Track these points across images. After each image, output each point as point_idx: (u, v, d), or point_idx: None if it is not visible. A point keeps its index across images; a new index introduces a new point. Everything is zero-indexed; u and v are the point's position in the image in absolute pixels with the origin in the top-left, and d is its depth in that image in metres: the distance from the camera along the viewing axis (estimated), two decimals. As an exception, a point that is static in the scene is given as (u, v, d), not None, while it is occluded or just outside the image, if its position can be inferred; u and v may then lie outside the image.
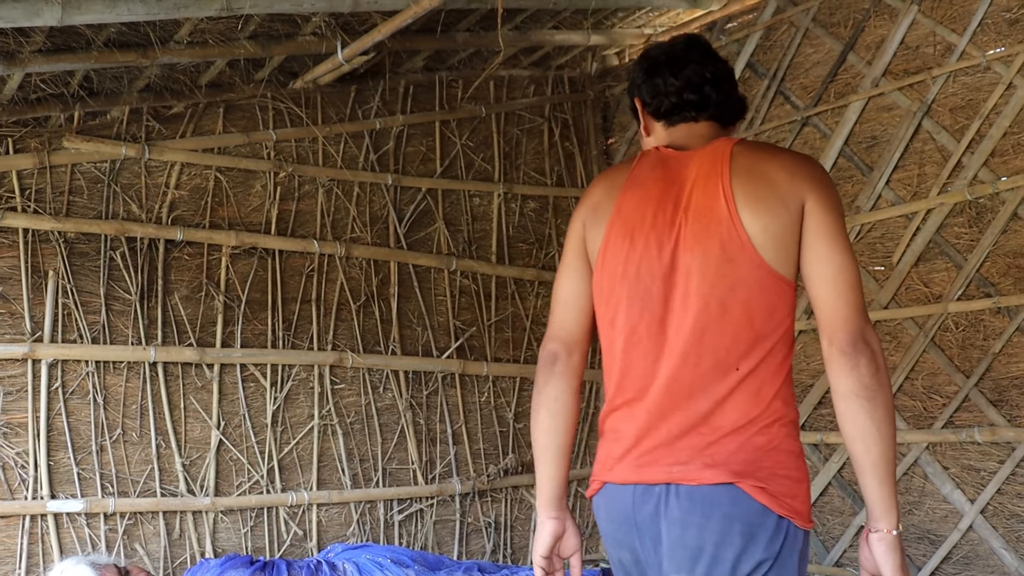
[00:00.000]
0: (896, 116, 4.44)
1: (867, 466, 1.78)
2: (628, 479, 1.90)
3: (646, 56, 2.17)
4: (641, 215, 1.96)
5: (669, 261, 1.90)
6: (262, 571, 3.08)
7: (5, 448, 3.86)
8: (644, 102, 2.12)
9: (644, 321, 1.92)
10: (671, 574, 1.83)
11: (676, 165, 1.99)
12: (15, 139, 3.96)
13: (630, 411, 1.94)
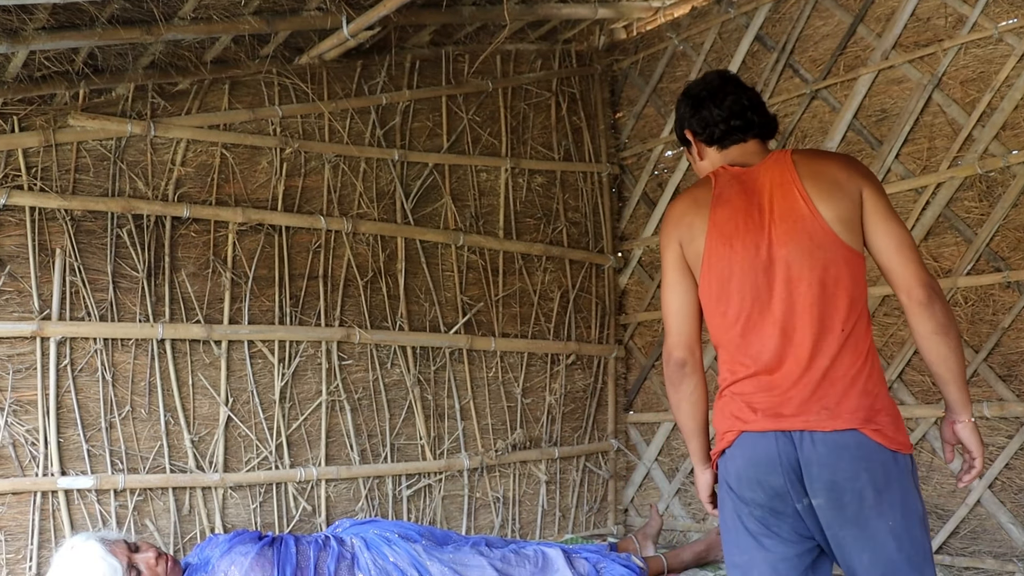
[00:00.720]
0: (906, 89, 4.40)
1: (950, 379, 2.36)
2: (769, 428, 2.33)
3: (688, 94, 2.69)
4: (734, 224, 2.41)
5: (766, 257, 2.36)
6: (270, 546, 3.09)
7: (15, 425, 3.88)
8: (695, 132, 2.63)
9: (756, 308, 2.38)
10: (814, 497, 2.29)
11: (748, 179, 2.47)
12: (20, 117, 3.95)
13: (757, 379, 2.39)
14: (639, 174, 5.78)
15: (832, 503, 2.28)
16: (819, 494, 2.28)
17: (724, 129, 2.58)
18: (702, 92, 2.64)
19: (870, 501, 2.25)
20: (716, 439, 2.48)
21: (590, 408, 5.57)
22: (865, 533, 2.28)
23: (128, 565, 2.93)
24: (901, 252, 2.35)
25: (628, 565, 3.51)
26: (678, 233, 2.54)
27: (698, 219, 2.49)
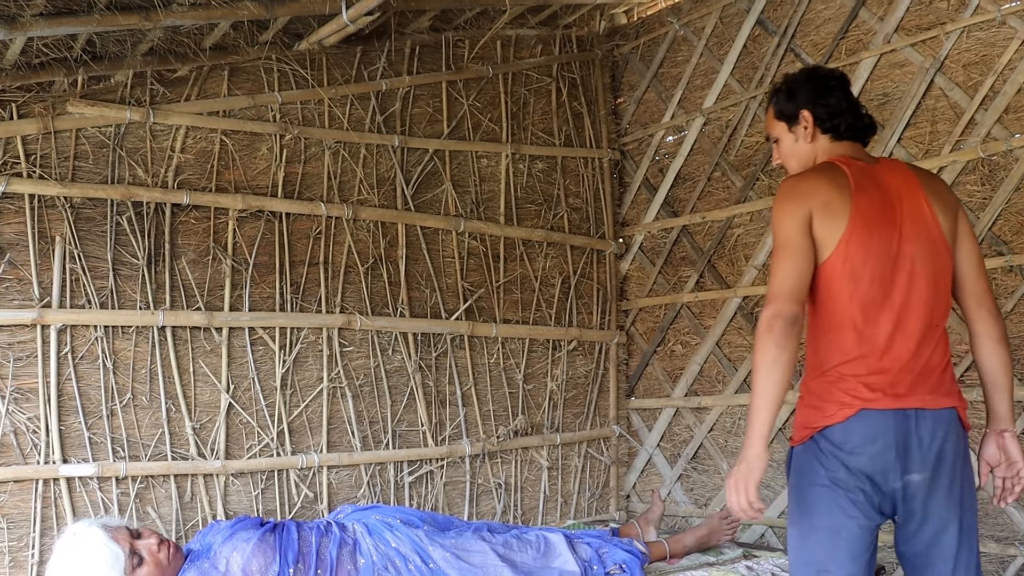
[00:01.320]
0: (908, 73, 4.39)
1: (1006, 386, 2.70)
2: (889, 406, 2.55)
3: (815, 77, 2.87)
4: (875, 214, 2.61)
5: (896, 250, 2.59)
6: (272, 532, 3.09)
7: (16, 413, 3.87)
8: (817, 116, 2.79)
9: (880, 294, 2.58)
10: (914, 473, 2.54)
11: (877, 176, 2.69)
12: (19, 104, 3.93)
13: (867, 361, 2.58)
14: (640, 159, 5.76)
15: (935, 477, 2.55)
16: (925, 468, 2.54)
17: (850, 123, 2.80)
18: (831, 80, 2.85)
19: (958, 474, 2.58)
20: (817, 414, 2.62)
21: (591, 394, 5.57)
22: (953, 503, 2.57)
23: (130, 551, 2.93)
24: (980, 269, 2.74)
25: (630, 550, 3.51)
26: (810, 205, 2.63)
27: (838, 199, 2.62)
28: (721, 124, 5.29)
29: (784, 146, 2.91)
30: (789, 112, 2.86)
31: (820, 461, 2.61)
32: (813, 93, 2.84)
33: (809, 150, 2.84)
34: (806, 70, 2.96)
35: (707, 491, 5.28)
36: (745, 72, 5.17)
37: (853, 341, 2.60)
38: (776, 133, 2.94)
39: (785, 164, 2.96)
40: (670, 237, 5.52)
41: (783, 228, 2.66)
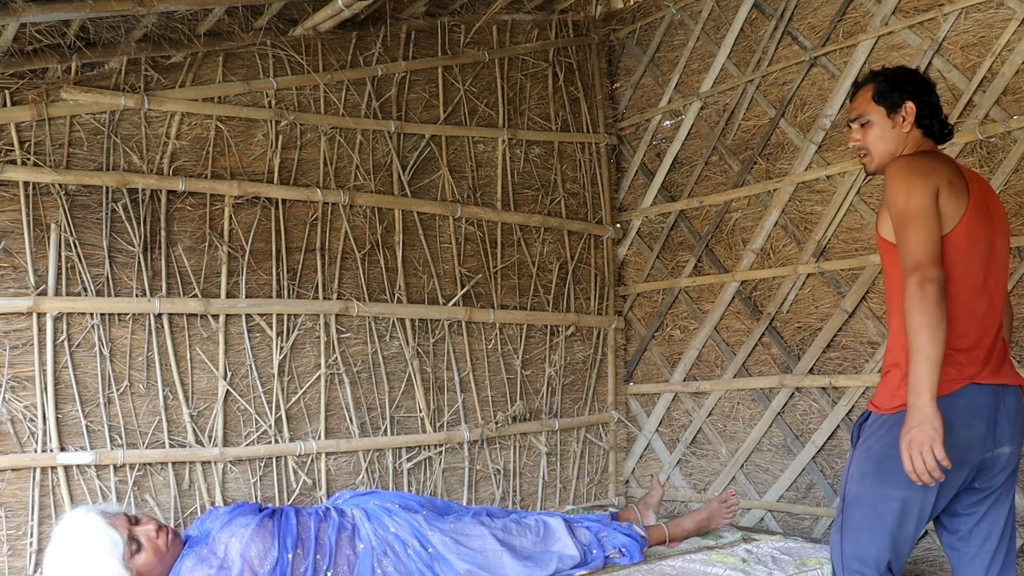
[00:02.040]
0: (906, 55, 4.37)
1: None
2: (989, 380, 2.76)
3: (920, 75, 3.09)
4: (980, 202, 2.83)
5: (991, 240, 2.83)
6: (271, 518, 3.08)
7: (13, 402, 3.86)
8: (919, 111, 2.96)
9: (980, 276, 2.80)
10: (1004, 446, 2.77)
11: (967, 173, 2.90)
12: (12, 91, 3.90)
13: (976, 338, 2.77)
14: (637, 144, 5.75)
15: (1015, 449, 2.80)
16: (1013, 442, 2.80)
17: (940, 124, 3.02)
18: (931, 83, 3.07)
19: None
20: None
21: (590, 380, 5.57)
22: (1016, 476, 2.86)
23: (128, 537, 2.92)
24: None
25: (630, 534, 3.51)
26: (937, 180, 2.75)
27: (957, 180, 2.81)
28: (718, 108, 5.27)
29: (876, 130, 3.00)
30: (892, 99, 2.97)
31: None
32: (919, 88, 3.00)
33: (902, 139, 2.98)
34: (910, 69, 3.13)
35: (706, 476, 5.28)
36: (742, 56, 5.15)
37: (960, 316, 2.73)
38: (871, 115, 3.02)
39: (871, 147, 3.03)
40: (668, 222, 5.51)
41: (916, 198, 2.73)
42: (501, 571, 3.19)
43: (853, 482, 2.88)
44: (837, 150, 4.63)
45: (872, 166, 3.09)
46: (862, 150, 3.08)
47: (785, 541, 3.69)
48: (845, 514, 2.88)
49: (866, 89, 3.05)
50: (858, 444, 2.92)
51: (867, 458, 2.86)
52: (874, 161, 3.06)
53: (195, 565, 2.94)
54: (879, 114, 3.00)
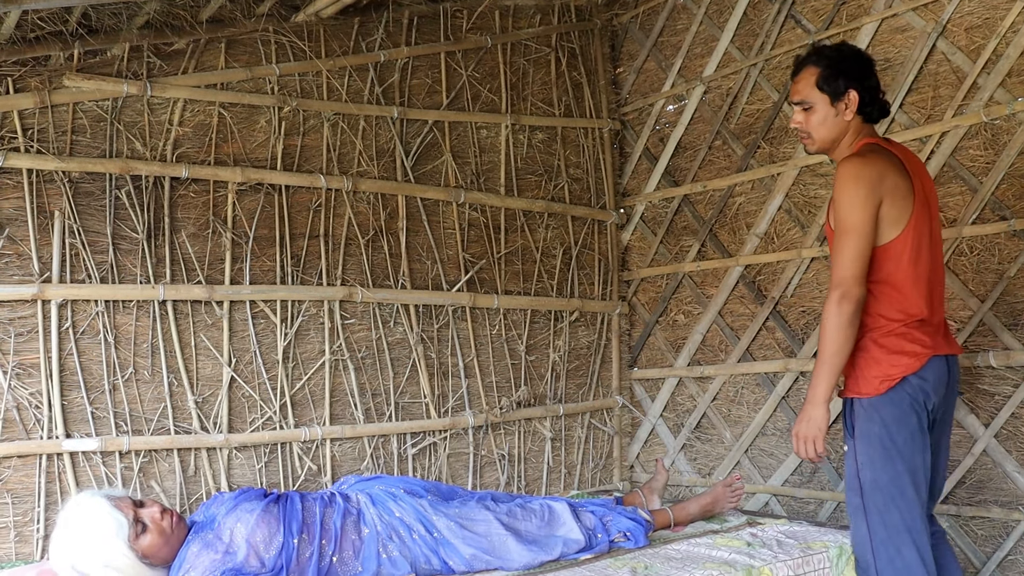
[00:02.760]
0: (910, 38, 4.35)
1: None
2: (944, 351, 3.09)
3: (863, 57, 3.19)
4: (922, 196, 3.05)
5: (931, 228, 3.07)
6: (276, 503, 3.09)
7: (19, 389, 3.87)
8: (862, 99, 3.10)
9: (928, 266, 3.06)
10: (950, 408, 3.21)
11: (908, 157, 3.14)
12: (15, 79, 3.90)
13: (929, 319, 3.07)
14: (640, 129, 5.73)
15: (950, 411, 3.22)
16: (951, 405, 3.21)
17: (881, 106, 3.17)
18: (873, 64, 3.18)
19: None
20: (893, 364, 3.04)
21: (594, 365, 5.57)
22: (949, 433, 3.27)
23: (134, 519, 2.93)
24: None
25: (635, 518, 3.52)
26: (881, 192, 2.96)
27: (903, 184, 3.01)
28: (722, 92, 5.26)
29: (819, 116, 3.13)
30: (836, 87, 3.10)
31: (912, 407, 3.02)
32: (861, 74, 3.12)
33: (844, 126, 3.14)
34: (852, 48, 3.23)
35: (710, 460, 5.28)
36: (745, 40, 5.13)
37: (914, 304, 3.04)
38: (813, 101, 3.14)
39: (813, 132, 3.18)
40: (671, 206, 5.50)
41: (855, 213, 2.96)
42: (506, 555, 3.19)
43: (866, 469, 3.05)
44: (841, 134, 4.61)
45: (813, 148, 3.25)
46: (803, 133, 3.21)
47: (790, 525, 3.69)
48: (867, 500, 3.05)
49: (809, 71, 3.15)
50: (856, 433, 3.09)
51: (870, 443, 3.05)
52: (815, 144, 3.22)
53: (201, 550, 2.95)
54: (823, 101, 3.12)
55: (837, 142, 3.19)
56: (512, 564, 3.17)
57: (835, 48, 3.22)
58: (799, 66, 3.21)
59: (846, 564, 3.27)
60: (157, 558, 2.94)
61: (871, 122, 3.19)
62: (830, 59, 3.13)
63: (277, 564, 2.97)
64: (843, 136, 3.17)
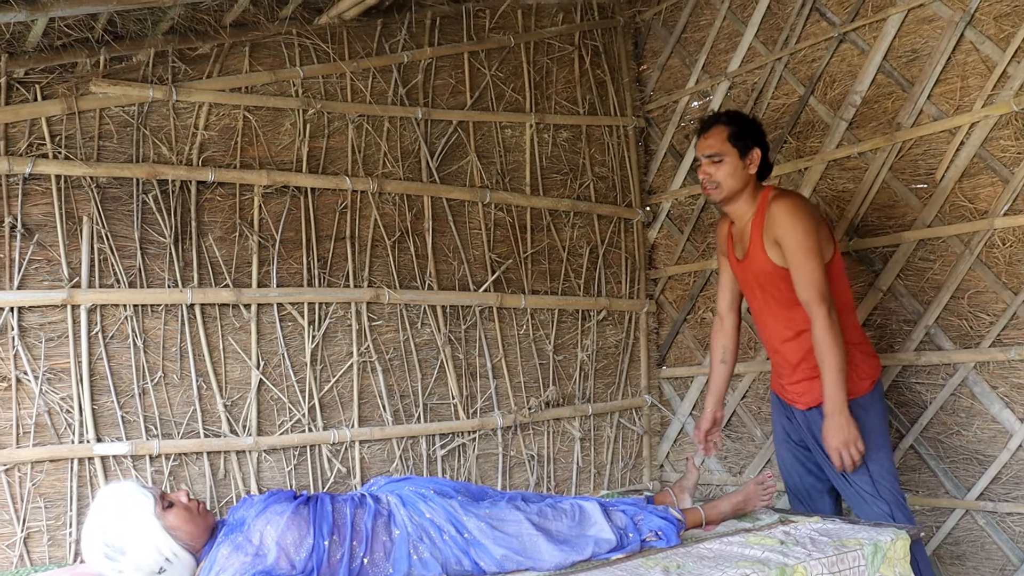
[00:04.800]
0: (937, 28, 4.30)
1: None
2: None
3: (760, 124, 3.78)
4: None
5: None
6: (306, 505, 3.08)
7: (50, 394, 3.89)
8: (763, 158, 3.69)
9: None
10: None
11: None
12: (43, 86, 3.93)
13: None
14: (665, 127, 5.71)
15: None
16: None
17: (770, 168, 3.81)
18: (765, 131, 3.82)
19: None
20: (872, 366, 3.69)
21: (622, 364, 5.54)
22: None
23: (160, 495, 2.95)
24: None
25: (666, 517, 3.48)
26: (818, 220, 3.63)
27: (824, 229, 3.66)
28: (747, 88, 5.22)
29: (728, 168, 3.64)
30: (745, 143, 3.65)
31: (883, 399, 3.70)
32: (762, 136, 3.72)
33: (748, 178, 3.68)
34: (750, 117, 3.83)
35: (741, 459, 5.24)
36: (770, 34, 5.10)
37: (856, 320, 3.76)
38: (725, 153, 3.65)
39: (723, 182, 3.66)
40: (697, 204, 5.47)
41: (811, 238, 3.48)
42: (537, 555, 3.17)
43: (872, 461, 3.56)
44: (868, 126, 4.57)
45: (719, 197, 3.71)
46: (712, 183, 3.68)
47: (823, 523, 3.65)
48: (879, 488, 3.58)
49: (720, 129, 3.67)
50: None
51: (871, 436, 3.55)
52: (723, 193, 3.69)
53: (231, 553, 2.95)
54: (733, 155, 3.64)
55: (741, 193, 3.69)
56: (543, 564, 3.15)
57: (739, 113, 3.81)
58: (708, 124, 3.72)
59: (882, 562, 3.23)
60: (183, 532, 2.93)
61: (761, 180, 3.75)
62: (738, 121, 3.70)
63: (308, 566, 2.96)
64: (746, 188, 3.68)
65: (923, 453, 4.36)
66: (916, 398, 4.38)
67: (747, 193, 3.70)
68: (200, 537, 2.98)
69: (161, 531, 2.88)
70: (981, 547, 4.20)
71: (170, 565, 2.88)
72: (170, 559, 2.88)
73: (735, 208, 3.75)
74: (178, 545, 2.90)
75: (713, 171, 3.66)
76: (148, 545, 2.85)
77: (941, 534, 4.32)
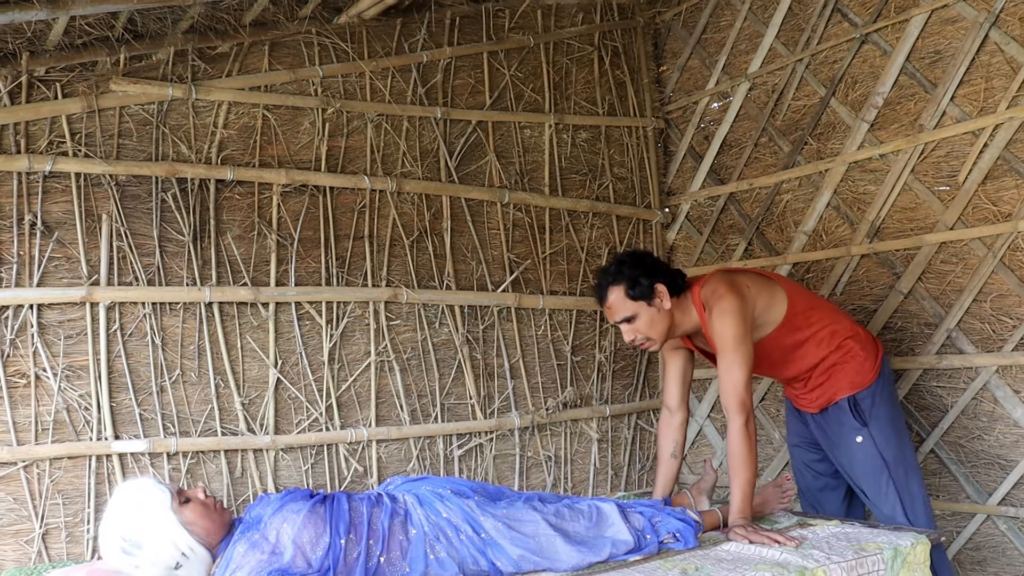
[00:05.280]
0: (961, 29, 4.27)
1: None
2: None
3: (638, 254, 3.59)
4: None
5: None
6: (323, 504, 3.07)
7: (68, 391, 3.90)
8: (669, 287, 3.46)
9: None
10: None
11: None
12: (63, 84, 3.94)
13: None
14: (685, 128, 5.68)
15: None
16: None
17: (680, 277, 3.60)
18: (648, 255, 3.68)
19: None
20: (874, 355, 3.68)
21: (640, 365, 5.52)
22: None
23: (177, 491, 2.95)
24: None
25: (684, 519, 3.46)
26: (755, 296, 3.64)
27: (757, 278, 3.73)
28: (767, 89, 5.19)
29: (645, 320, 3.44)
30: (644, 290, 3.40)
31: (892, 379, 3.73)
32: (654, 267, 3.48)
33: (667, 315, 3.47)
34: (628, 252, 3.61)
35: (759, 461, 5.19)
36: (791, 35, 5.07)
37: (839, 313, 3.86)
38: (634, 311, 3.44)
39: (650, 334, 3.47)
40: (717, 205, 5.44)
41: (741, 328, 3.39)
42: (554, 556, 3.15)
43: (888, 449, 3.57)
44: (890, 128, 4.53)
45: (658, 346, 3.55)
46: (642, 340, 3.49)
47: (842, 526, 3.62)
48: (895, 477, 3.56)
49: (614, 291, 3.44)
50: (868, 421, 3.58)
51: (882, 425, 3.57)
52: (658, 342, 3.52)
53: (247, 551, 2.94)
54: (642, 307, 3.42)
55: (676, 327, 3.53)
56: (560, 565, 3.13)
57: (618, 262, 3.50)
58: (601, 294, 3.49)
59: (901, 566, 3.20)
60: (199, 528, 2.93)
61: (680, 294, 3.50)
62: (623, 272, 3.43)
63: (324, 565, 2.96)
64: (673, 319, 3.49)
65: (944, 457, 4.32)
66: (937, 402, 4.34)
67: (679, 316, 3.53)
68: (217, 533, 2.98)
69: (178, 525, 2.88)
70: (1002, 552, 4.16)
71: (186, 560, 2.88)
72: (187, 554, 2.87)
73: (680, 332, 3.62)
74: (195, 540, 2.90)
75: (634, 331, 3.49)
76: (165, 539, 2.85)
77: (962, 539, 4.28)
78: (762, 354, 3.62)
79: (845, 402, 3.63)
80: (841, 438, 3.69)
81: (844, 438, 3.67)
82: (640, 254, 3.58)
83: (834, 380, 3.65)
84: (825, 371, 3.67)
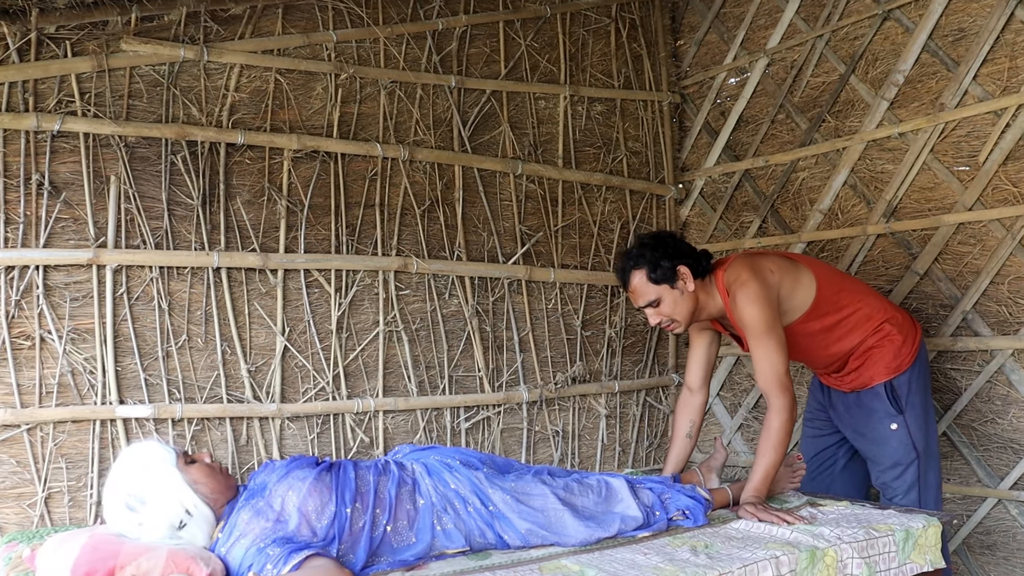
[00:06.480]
0: (986, 6, 4.19)
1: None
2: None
3: (663, 233, 3.51)
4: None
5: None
6: (328, 471, 3.04)
7: (74, 354, 3.87)
8: (692, 268, 3.40)
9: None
10: None
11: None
12: (73, 43, 3.88)
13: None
14: (701, 103, 5.61)
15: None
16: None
17: (706, 258, 3.52)
18: (672, 235, 3.55)
19: None
20: (913, 339, 3.61)
21: (650, 342, 5.48)
22: None
23: (182, 451, 2.92)
24: None
25: (694, 496, 3.43)
26: (779, 280, 3.54)
27: (783, 262, 3.63)
28: (786, 65, 5.12)
29: (669, 303, 3.39)
30: (667, 273, 3.34)
31: (927, 362, 3.66)
32: (675, 248, 3.39)
33: (692, 296, 3.41)
34: (649, 234, 3.50)
35: (768, 441, 5.16)
36: (811, 10, 4.99)
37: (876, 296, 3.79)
38: (657, 295, 3.38)
39: (675, 317, 3.42)
40: (732, 182, 5.38)
41: (770, 312, 3.32)
42: (563, 531, 3.12)
43: (920, 438, 3.55)
44: (910, 106, 4.46)
45: (683, 328, 3.49)
46: (667, 323, 3.44)
47: (852, 507, 3.59)
48: (922, 464, 3.55)
49: (637, 275, 3.39)
50: (904, 408, 3.54)
51: (917, 413, 3.55)
52: (682, 325, 3.46)
53: (252, 518, 2.91)
54: (664, 290, 3.37)
55: (701, 309, 3.47)
56: (569, 540, 3.10)
57: (640, 244, 3.42)
58: (624, 278, 3.45)
59: (913, 548, 3.16)
60: (204, 487, 2.90)
61: (704, 276, 3.44)
62: (645, 255, 3.37)
63: (329, 533, 2.92)
64: (699, 301, 3.44)
65: (956, 440, 4.27)
66: (951, 384, 4.29)
67: (704, 299, 3.47)
68: (222, 495, 2.94)
69: (183, 483, 2.85)
70: (1012, 537, 4.12)
71: (190, 519, 2.84)
72: (191, 511, 2.84)
73: (705, 316, 3.56)
74: (199, 499, 2.86)
75: (658, 314, 3.44)
76: (170, 496, 2.81)
77: (972, 523, 4.24)
78: (790, 342, 3.48)
79: (881, 387, 3.58)
80: (871, 424, 3.63)
81: (876, 424, 3.61)
82: (662, 235, 3.48)
83: (870, 364, 3.59)
84: (860, 356, 3.60)
